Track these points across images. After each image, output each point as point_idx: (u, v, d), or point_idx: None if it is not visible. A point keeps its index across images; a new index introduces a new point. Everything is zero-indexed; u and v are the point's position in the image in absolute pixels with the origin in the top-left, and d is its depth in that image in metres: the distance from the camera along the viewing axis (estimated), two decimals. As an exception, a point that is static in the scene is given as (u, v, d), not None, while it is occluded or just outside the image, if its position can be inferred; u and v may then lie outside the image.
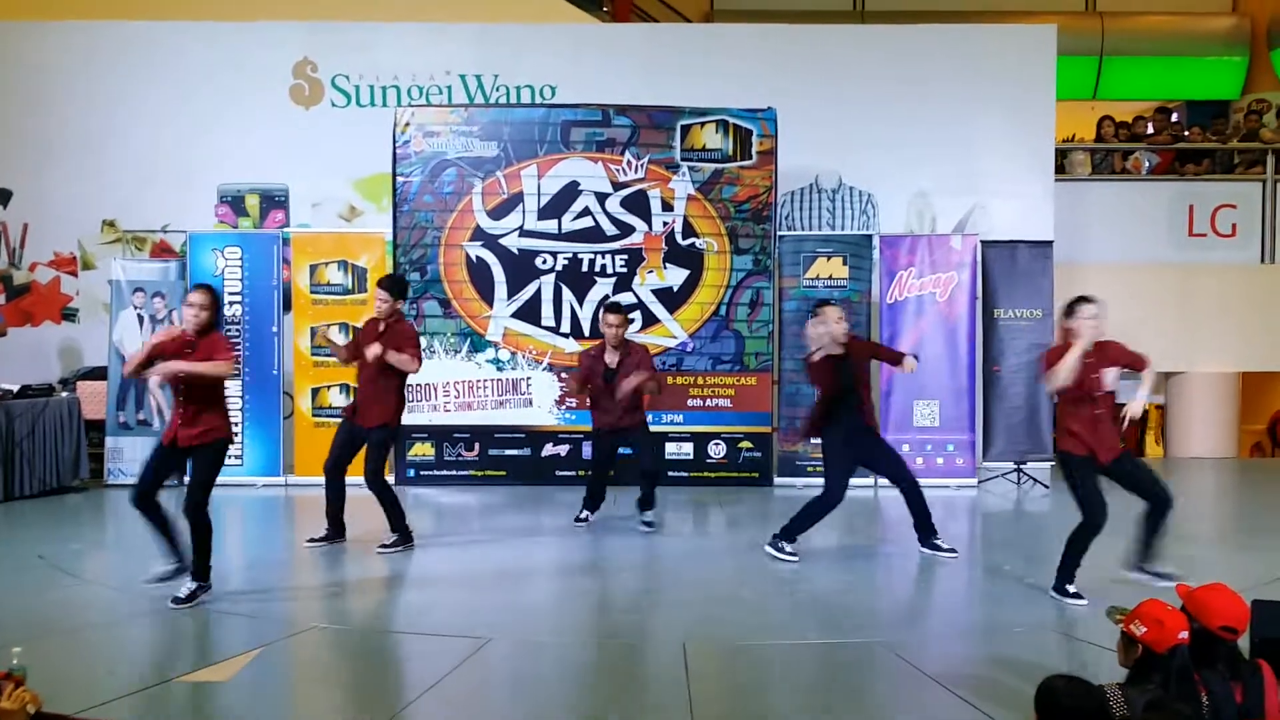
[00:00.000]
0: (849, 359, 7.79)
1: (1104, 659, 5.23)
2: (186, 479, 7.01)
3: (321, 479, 8.40)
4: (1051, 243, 11.66)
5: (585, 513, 9.26)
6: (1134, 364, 6.98)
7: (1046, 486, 11.05)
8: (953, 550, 8.06)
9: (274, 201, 12.33)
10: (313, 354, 10.98)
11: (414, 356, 8.10)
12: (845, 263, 11.08)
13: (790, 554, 7.91)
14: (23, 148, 12.27)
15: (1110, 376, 6.82)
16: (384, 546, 8.18)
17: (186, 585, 6.75)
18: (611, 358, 8.87)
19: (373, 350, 7.92)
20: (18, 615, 6.52)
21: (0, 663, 4.76)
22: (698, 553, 8.40)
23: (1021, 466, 11.27)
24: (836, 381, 7.74)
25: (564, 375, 10.94)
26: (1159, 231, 13.47)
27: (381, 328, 8.16)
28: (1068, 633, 6.21)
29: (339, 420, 8.64)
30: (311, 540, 8.31)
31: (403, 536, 8.26)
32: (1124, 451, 6.93)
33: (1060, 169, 13.14)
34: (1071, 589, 6.91)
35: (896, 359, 8.03)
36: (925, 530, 8.12)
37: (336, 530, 8.41)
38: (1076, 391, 6.78)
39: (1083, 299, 6.85)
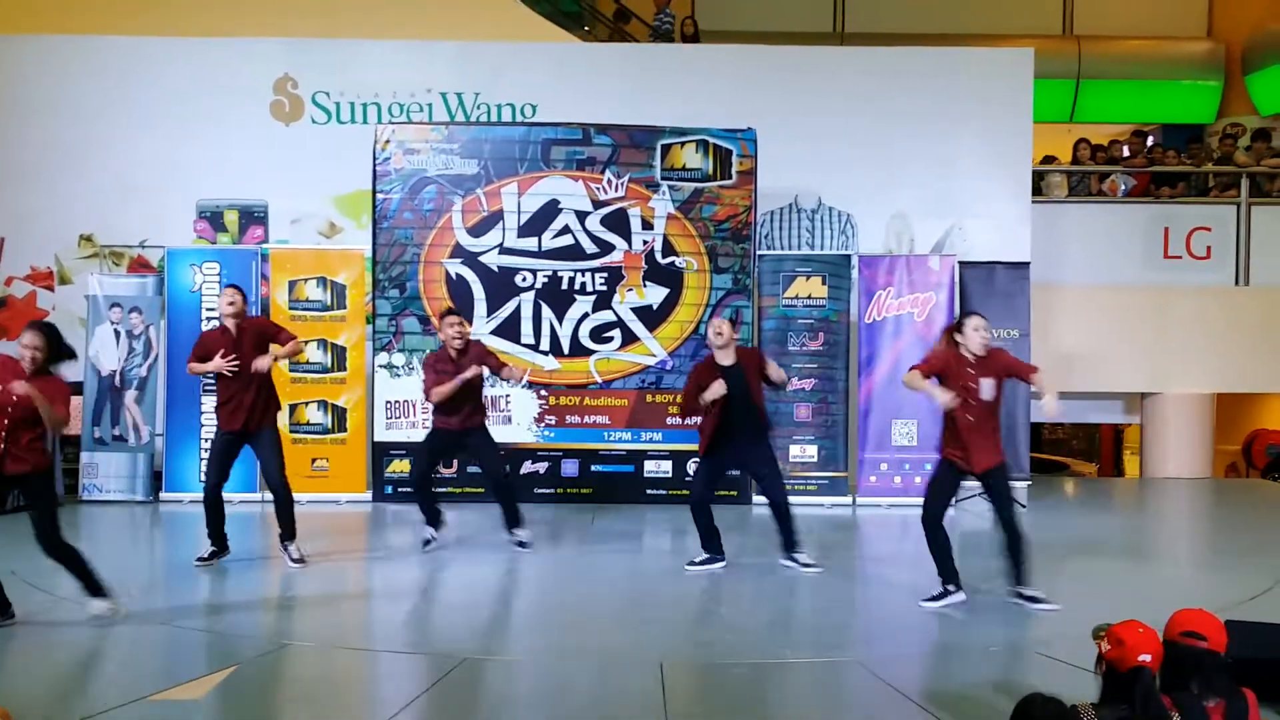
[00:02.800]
0: (736, 368, 7.96)
1: (1081, 678, 5.24)
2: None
3: (297, 495, 8.31)
4: (1028, 264, 11.72)
5: (430, 531, 8.92)
6: (1022, 374, 7.09)
7: (1024, 505, 11.06)
8: (812, 564, 8.22)
9: (253, 217, 12.31)
10: (291, 370, 10.93)
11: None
12: (824, 282, 11.12)
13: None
14: None
15: (987, 387, 6.91)
16: (294, 561, 8.19)
17: (98, 604, 6.64)
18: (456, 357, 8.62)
19: (263, 362, 7.97)
20: (-10, 632, 6.47)
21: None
22: (675, 571, 8.39)
23: (998, 486, 11.29)
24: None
25: (544, 393, 10.95)
26: (1134, 253, 13.57)
27: (234, 328, 8.06)
28: (1044, 652, 6.22)
29: (227, 436, 8.18)
30: (201, 560, 8.15)
31: (288, 532, 8.29)
32: (999, 465, 7.02)
33: (1037, 191, 13.22)
34: (950, 587, 7.15)
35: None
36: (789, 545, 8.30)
37: (223, 546, 8.29)
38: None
39: (970, 312, 7.22)
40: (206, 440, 10.90)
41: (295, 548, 8.25)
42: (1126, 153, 14.47)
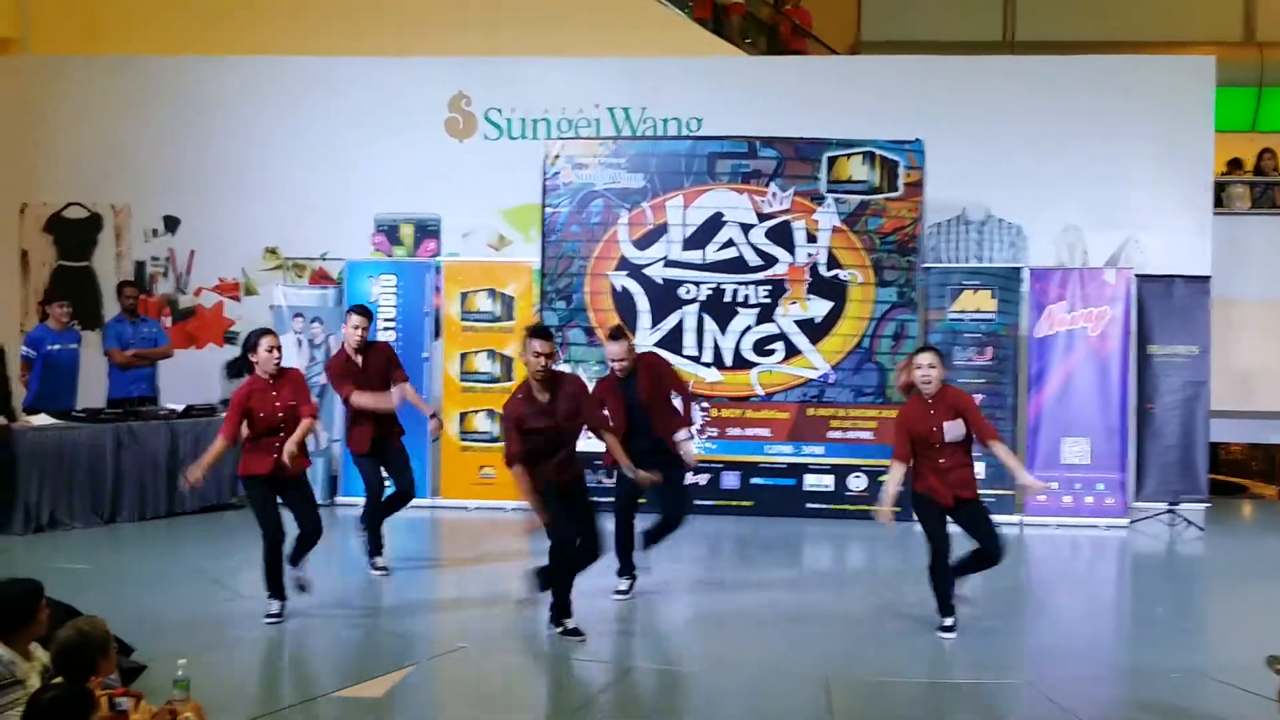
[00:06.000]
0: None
1: (1263, 707, 5.08)
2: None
3: (465, 501, 8.21)
4: (1209, 278, 11.34)
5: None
6: (979, 432, 6.75)
7: (1201, 529, 10.70)
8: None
9: (427, 231, 12.65)
10: (461, 379, 11.23)
11: None
12: (993, 295, 10.92)
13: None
14: (191, 178, 12.74)
15: (950, 429, 6.65)
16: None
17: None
18: (542, 395, 6.59)
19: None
20: (181, 627, 6.80)
21: (166, 674, 4.99)
22: (837, 585, 8.36)
23: (1175, 507, 10.93)
24: None
25: (705, 405, 10.96)
26: (1320, 267, 12.99)
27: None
28: (1223, 679, 6.03)
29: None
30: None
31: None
32: (970, 500, 6.80)
33: (1218, 202, 12.75)
34: (948, 622, 6.81)
35: None
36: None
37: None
38: (921, 440, 6.72)
39: (923, 348, 6.92)
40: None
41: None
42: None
